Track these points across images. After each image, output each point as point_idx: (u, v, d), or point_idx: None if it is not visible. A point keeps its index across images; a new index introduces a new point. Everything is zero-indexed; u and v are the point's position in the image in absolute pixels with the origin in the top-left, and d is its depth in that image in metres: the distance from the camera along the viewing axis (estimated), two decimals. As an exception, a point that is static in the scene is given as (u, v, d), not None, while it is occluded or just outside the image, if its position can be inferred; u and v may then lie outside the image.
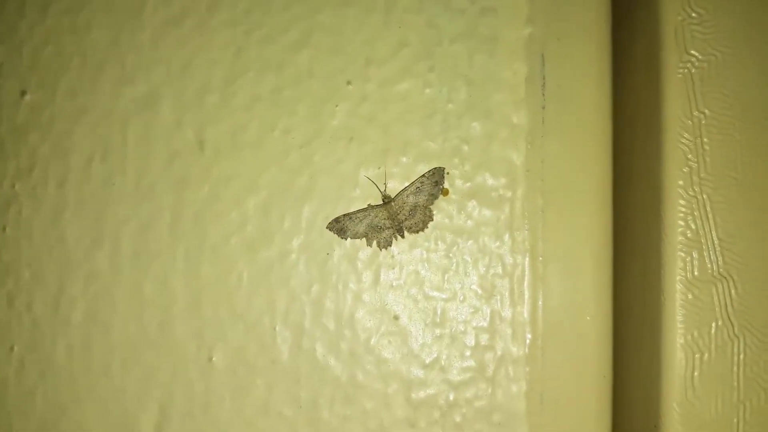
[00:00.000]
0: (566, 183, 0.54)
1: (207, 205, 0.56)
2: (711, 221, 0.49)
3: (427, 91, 0.55)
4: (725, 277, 0.49)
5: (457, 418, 0.54)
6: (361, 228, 0.55)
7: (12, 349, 0.57)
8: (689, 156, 0.49)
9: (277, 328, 0.55)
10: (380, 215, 0.54)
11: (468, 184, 0.55)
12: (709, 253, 0.49)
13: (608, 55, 0.55)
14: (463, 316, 0.54)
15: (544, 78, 0.54)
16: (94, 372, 0.57)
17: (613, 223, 0.54)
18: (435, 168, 0.54)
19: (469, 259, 0.54)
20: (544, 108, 0.54)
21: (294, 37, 0.56)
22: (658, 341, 0.51)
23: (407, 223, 0.54)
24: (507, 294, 0.54)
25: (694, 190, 0.49)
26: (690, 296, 0.49)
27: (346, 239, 0.55)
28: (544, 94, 0.54)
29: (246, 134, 0.56)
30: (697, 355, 0.49)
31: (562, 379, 0.54)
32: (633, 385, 0.53)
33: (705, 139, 0.49)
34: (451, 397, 0.54)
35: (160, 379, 0.56)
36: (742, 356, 0.49)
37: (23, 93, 0.58)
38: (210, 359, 0.56)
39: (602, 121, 0.54)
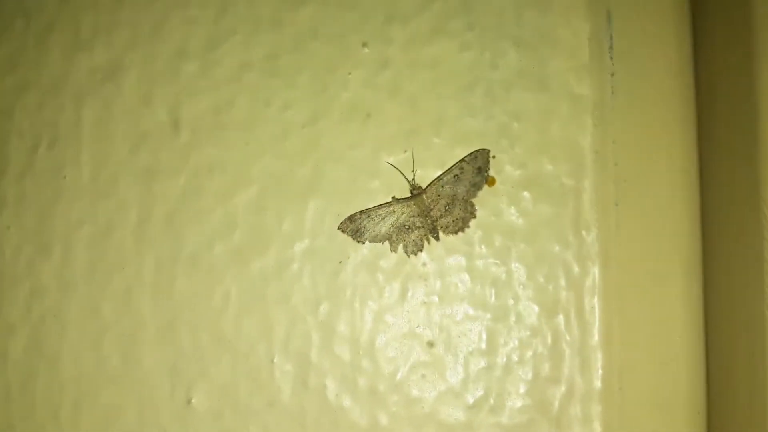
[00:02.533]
0: (644, 168, 0.44)
1: (183, 203, 0.46)
2: None
3: (465, 55, 0.45)
4: None
5: (511, 474, 0.42)
6: (384, 228, 0.44)
7: (-70, 391, 0.44)
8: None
9: (275, 360, 0.44)
10: (408, 212, 0.43)
11: (520, 172, 0.44)
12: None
13: (687, 7, 0.44)
14: (517, 341, 0.43)
15: (611, 38, 0.44)
16: (37, 420, 0.45)
17: (701, 218, 0.43)
18: (477, 151, 0.43)
19: (523, 268, 0.43)
20: (612, 75, 0.44)
21: (294, -12, 0.45)
22: (765, 369, 0.39)
23: (443, 221, 0.43)
24: (573, 311, 0.43)
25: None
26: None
27: (363, 243, 0.44)
28: (612, 58, 0.44)
29: (233, 112, 0.46)
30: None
31: (645, 419, 0.43)
32: (733, 424, 0.41)
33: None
34: (502, 447, 0.42)
35: (123, 428, 0.45)
36: None
37: (-52, 62, 0.47)
38: (188, 401, 0.44)
39: (684, 89, 0.44)
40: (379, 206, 0.44)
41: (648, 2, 0.44)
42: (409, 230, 0.44)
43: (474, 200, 0.43)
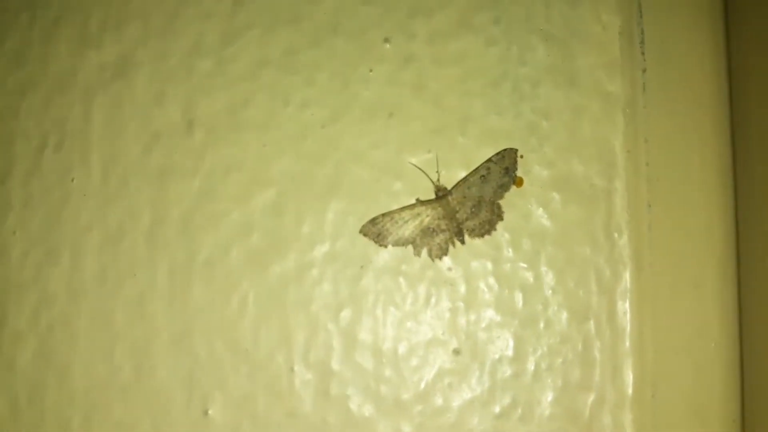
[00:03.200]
0: (678, 168, 0.42)
1: (198, 206, 0.44)
2: None
3: (492, 50, 0.43)
4: None
5: (540, 485, 0.41)
6: (407, 232, 0.42)
7: (-66, 403, 0.43)
8: None
9: (295, 369, 0.42)
10: (433, 214, 0.42)
11: (549, 172, 0.42)
12: None
13: (720, 0, 0.42)
14: (546, 348, 0.41)
15: (642, 32, 0.42)
16: None
17: (736, 219, 0.41)
18: (505, 150, 0.42)
19: (552, 272, 0.42)
20: (644, 71, 0.42)
21: (313, -19, 0.43)
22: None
23: (469, 223, 0.42)
24: (605, 317, 0.41)
25: None
26: None
27: (386, 247, 0.42)
28: (643, 54, 0.42)
29: (249, 111, 0.44)
30: None
31: (679, 427, 0.41)
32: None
33: None
34: (531, 457, 0.41)
35: None
36: None
37: (-50, 60, 0.45)
38: (205, 412, 0.43)
39: (718, 85, 0.43)
40: (403, 208, 0.42)
41: (680, -6, 0.43)
42: (434, 233, 0.42)
43: (501, 202, 0.42)
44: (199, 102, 0.44)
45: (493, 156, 0.42)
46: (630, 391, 0.41)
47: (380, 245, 0.42)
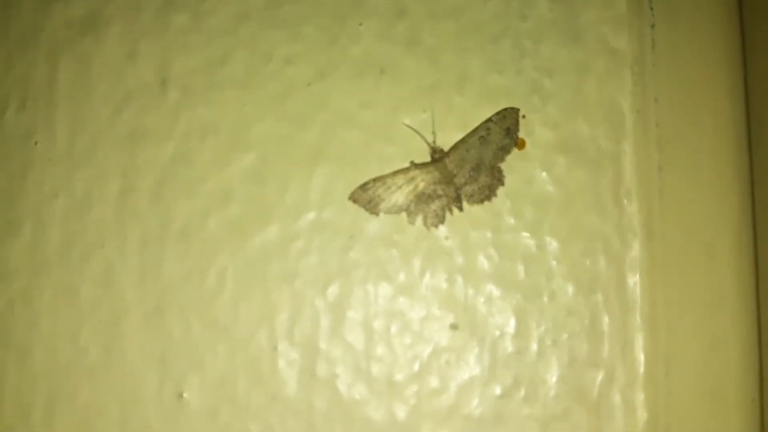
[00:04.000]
0: (690, 129, 0.39)
1: (172, 171, 0.41)
2: None
3: (491, 3, 0.40)
4: None
5: (545, 472, 0.38)
6: (401, 198, 0.39)
7: None
8: None
9: (278, 348, 0.39)
10: (428, 178, 0.39)
11: (553, 134, 0.40)
12: None
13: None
14: (551, 323, 0.39)
15: None
16: (6, 420, 0.40)
17: (752, 183, 0.39)
18: (505, 110, 0.39)
19: (556, 241, 0.39)
20: (653, 27, 0.40)
21: (297, -71, 0.40)
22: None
23: (468, 189, 0.39)
24: (613, 289, 0.39)
25: None
26: None
27: (377, 215, 0.39)
28: (652, 8, 0.40)
29: (228, 68, 0.41)
30: None
31: (693, 407, 0.38)
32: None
33: None
34: (536, 442, 0.38)
35: (104, 428, 0.39)
36: None
37: None
38: (180, 396, 0.39)
39: (730, 41, 0.40)
40: (396, 173, 0.39)
41: (691, -56, 0.40)
42: (430, 199, 0.39)
43: (502, 165, 0.39)
44: (174, 59, 0.40)
45: (493, 116, 0.39)
46: (641, 368, 0.38)
47: (371, 213, 0.39)
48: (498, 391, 0.39)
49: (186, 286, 0.39)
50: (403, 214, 0.39)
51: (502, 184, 0.39)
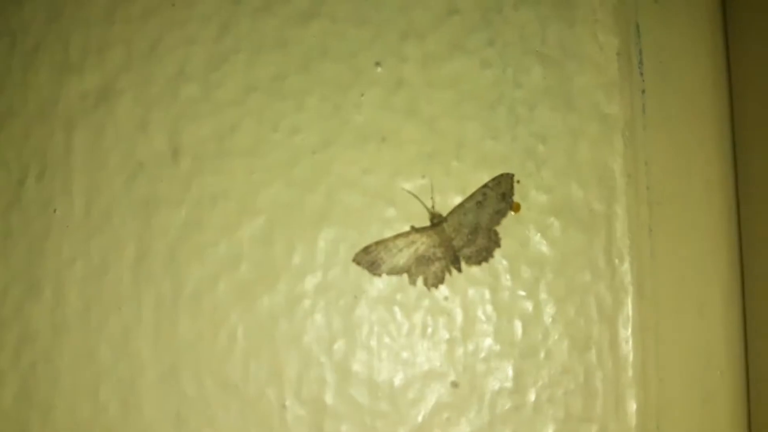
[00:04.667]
0: (679, 191, 0.41)
1: (184, 237, 0.42)
2: None
3: (487, 72, 0.42)
4: None
5: None
6: (402, 260, 0.41)
7: None
8: None
9: (287, 405, 0.41)
10: (428, 242, 0.40)
11: (547, 197, 0.41)
12: None
13: (720, 19, 0.41)
14: (547, 379, 0.40)
15: (641, 53, 0.41)
16: None
17: (740, 244, 0.40)
18: (501, 175, 0.41)
19: (552, 300, 0.40)
20: (643, 92, 0.41)
21: (301, 4, 0.42)
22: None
23: (466, 251, 0.40)
24: (606, 346, 0.40)
25: None
26: None
27: (380, 276, 0.41)
28: (642, 74, 0.41)
29: (237, 137, 0.42)
30: None
31: None
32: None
33: None
34: (534, 493, 0.39)
35: None
36: None
37: (-74, 88, 0.43)
38: None
39: (719, 105, 0.41)
40: (397, 236, 0.40)
41: (679, 14, 0.41)
42: (430, 261, 0.40)
43: (498, 228, 0.40)
44: (185, 129, 0.42)
45: (489, 181, 0.40)
46: (633, 422, 0.39)
47: (374, 274, 0.41)
48: (498, 444, 0.40)
49: (199, 346, 0.41)
50: (404, 275, 0.41)
51: (499, 246, 0.41)
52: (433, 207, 0.41)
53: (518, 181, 0.41)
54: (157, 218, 0.42)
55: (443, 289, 0.41)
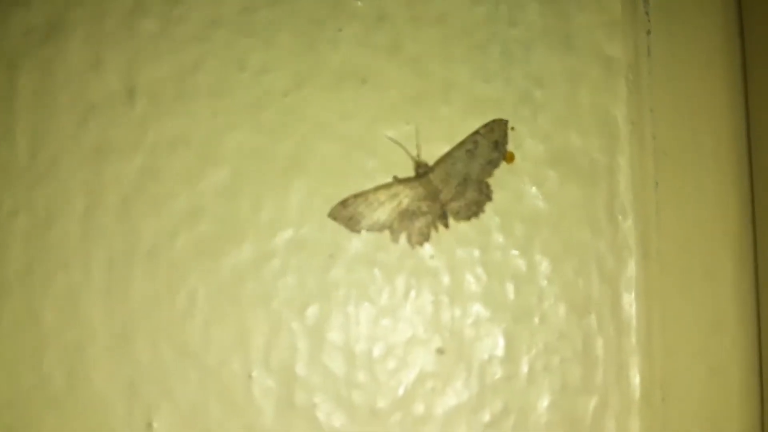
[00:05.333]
0: (687, 141, 0.38)
1: (140, 187, 0.38)
2: None
3: (478, 8, 0.38)
4: None
5: (537, 504, 0.36)
6: (383, 215, 0.37)
7: None
8: None
9: (253, 375, 0.37)
10: (412, 194, 0.37)
11: (543, 146, 0.38)
12: None
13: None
14: (542, 346, 0.37)
15: None
16: None
17: (753, 199, 0.37)
18: (493, 121, 0.37)
19: (548, 260, 0.37)
20: (649, 33, 0.38)
21: (273, -71, 0.38)
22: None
23: (454, 205, 0.37)
24: (608, 310, 0.37)
25: None
26: None
27: (359, 233, 0.37)
28: (648, 13, 0.38)
29: (199, 77, 0.38)
30: None
31: None
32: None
33: None
34: (526, 472, 0.36)
35: None
36: None
37: None
38: (149, 425, 0.37)
39: (731, 48, 0.38)
40: (378, 188, 0.37)
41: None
42: (414, 216, 0.37)
43: (490, 180, 0.37)
44: (142, 68, 0.38)
45: (480, 128, 0.37)
46: (637, 394, 0.36)
47: (352, 231, 0.37)
48: (487, 418, 0.36)
49: (155, 309, 0.37)
50: (386, 232, 0.37)
51: (490, 199, 0.37)
52: (418, 156, 0.37)
53: (512, 128, 0.37)
54: (110, 166, 0.37)
55: (429, 248, 0.37)
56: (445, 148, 0.37)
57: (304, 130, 0.37)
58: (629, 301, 0.36)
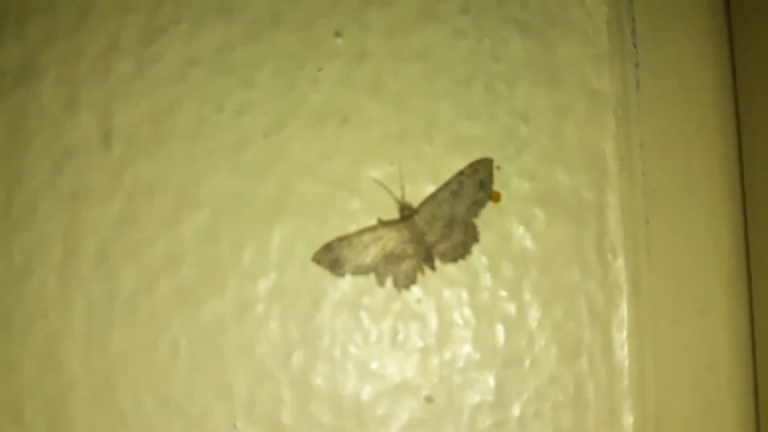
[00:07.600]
0: (678, 177, 0.36)
1: (118, 233, 0.36)
2: None
3: (460, 43, 0.37)
4: None
5: None
6: (368, 258, 0.35)
7: None
8: None
9: (238, 425, 0.35)
10: (397, 237, 0.36)
11: (530, 185, 0.36)
12: None
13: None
14: (533, 391, 0.35)
15: (633, 21, 0.37)
16: None
17: (746, 235, 0.35)
18: (478, 161, 0.36)
19: (537, 301, 0.35)
20: (637, 66, 0.37)
21: (249, -34, 0.36)
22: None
23: (440, 247, 0.35)
24: (599, 353, 0.35)
25: None
26: None
27: (343, 276, 0.36)
28: (635, 45, 0.37)
29: (176, 119, 0.37)
30: None
31: None
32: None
33: None
34: None
35: None
36: None
37: None
38: None
39: (721, 81, 0.37)
40: (362, 231, 0.35)
41: (675, -24, 0.36)
42: (399, 259, 0.35)
43: (476, 221, 0.35)
44: (118, 110, 0.36)
45: (464, 168, 0.35)
46: (630, 438, 0.35)
47: (336, 275, 0.35)
48: (477, 465, 0.35)
49: (136, 358, 0.35)
50: (372, 276, 0.35)
51: (477, 240, 0.35)
52: (402, 197, 0.35)
53: (498, 167, 0.35)
54: (87, 212, 0.36)
55: (415, 291, 0.35)
56: (430, 188, 0.35)
57: (285, 172, 0.36)
58: (621, 343, 0.35)
